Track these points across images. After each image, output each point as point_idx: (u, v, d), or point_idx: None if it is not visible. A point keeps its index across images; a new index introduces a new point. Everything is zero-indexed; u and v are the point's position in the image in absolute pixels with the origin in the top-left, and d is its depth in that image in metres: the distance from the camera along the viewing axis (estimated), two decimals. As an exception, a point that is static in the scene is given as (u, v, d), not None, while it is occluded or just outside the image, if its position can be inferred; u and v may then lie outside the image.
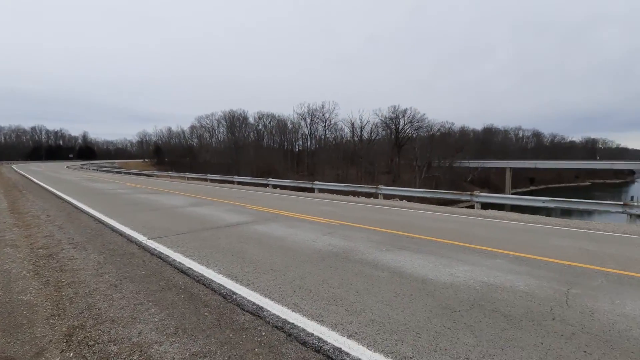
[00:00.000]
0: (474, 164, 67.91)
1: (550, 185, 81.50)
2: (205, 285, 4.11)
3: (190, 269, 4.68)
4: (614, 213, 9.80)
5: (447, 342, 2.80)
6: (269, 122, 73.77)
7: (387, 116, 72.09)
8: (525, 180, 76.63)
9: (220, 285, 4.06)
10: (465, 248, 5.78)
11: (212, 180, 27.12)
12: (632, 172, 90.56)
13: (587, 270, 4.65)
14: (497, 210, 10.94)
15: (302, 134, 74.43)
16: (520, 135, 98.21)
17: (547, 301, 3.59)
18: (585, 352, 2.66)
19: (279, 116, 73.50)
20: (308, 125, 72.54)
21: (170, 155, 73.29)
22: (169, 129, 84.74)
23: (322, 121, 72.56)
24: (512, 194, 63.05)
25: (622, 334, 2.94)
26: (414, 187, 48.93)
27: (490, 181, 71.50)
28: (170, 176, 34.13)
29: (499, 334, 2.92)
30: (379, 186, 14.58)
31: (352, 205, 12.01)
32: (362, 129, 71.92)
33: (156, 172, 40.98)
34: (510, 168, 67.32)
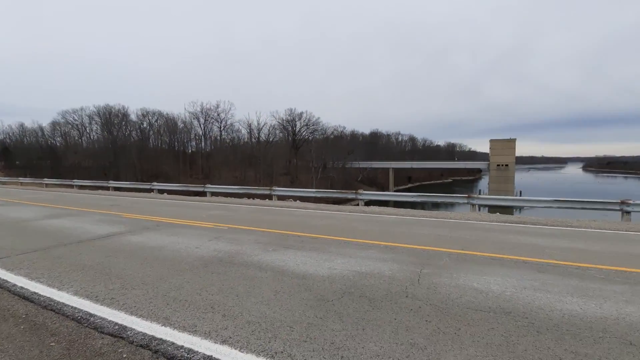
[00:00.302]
0: (363, 164, 74.74)
1: (423, 183, 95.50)
2: (54, 311, 3.47)
3: (36, 293, 3.91)
4: (462, 204, 12.08)
5: (317, 331, 3.00)
6: (156, 120, 66.59)
7: (284, 119, 73.42)
8: (404, 179, 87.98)
9: (75, 308, 3.49)
10: (346, 242, 6.30)
11: (80, 187, 23.11)
12: (479, 170, 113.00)
13: (437, 253, 5.60)
14: (377, 206, 12.26)
15: (195, 135, 69.61)
16: (400, 139, 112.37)
17: (404, 282, 4.18)
18: (427, 321, 3.18)
19: (167, 114, 67.00)
20: (202, 125, 68.26)
21: (23, 157, 59.24)
22: (22, 125, 68.15)
23: (218, 121, 69.29)
24: (395, 191, 71.65)
25: (454, 301, 3.63)
26: (311, 188, 51.07)
27: (377, 180, 79.77)
28: (21, 183, 27.70)
29: (362, 317, 3.26)
30: (273, 187, 14.73)
31: (246, 208, 11.82)
32: (259, 130, 71.47)
33: (2, 179, 32.79)
34: (393, 168, 76.49)
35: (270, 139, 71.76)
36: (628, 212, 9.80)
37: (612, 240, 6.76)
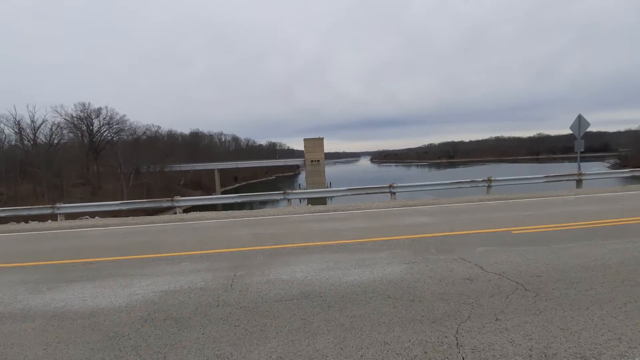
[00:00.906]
0: (185, 167, 69.51)
1: (250, 181, 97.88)
2: None
3: None
4: (280, 200, 13.05)
5: (103, 379, 2.49)
6: None
7: (74, 115, 58.98)
8: (231, 179, 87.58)
9: None
10: (154, 259, 5.61)
11: None
12: (298, 166, 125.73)
13: (253, 252, 5.77)
14: (198, 212, 11.60)
15: None
16: (223, 139, 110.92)
17: (217, 290, 4.08)
18: (235, 326, 3.19)
19: None
20: None
21: None
22: None
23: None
24: (222, 192, 70.26)
25: (263, 298, 3.80)
26: (122, 198, 43.33)
27: (203, 182, 76.09)
28: None
29: (165, 343, 2.94)
30: (57, 204, 11.55)
31: (10, 237, 8.78)
32: (36, 130, 54.65)
33: None
34: (218, 169, 74.66)
35: (55, 141, 56.22)
36: (394, 193, 13.08)
37: (384, 216, 8.82)
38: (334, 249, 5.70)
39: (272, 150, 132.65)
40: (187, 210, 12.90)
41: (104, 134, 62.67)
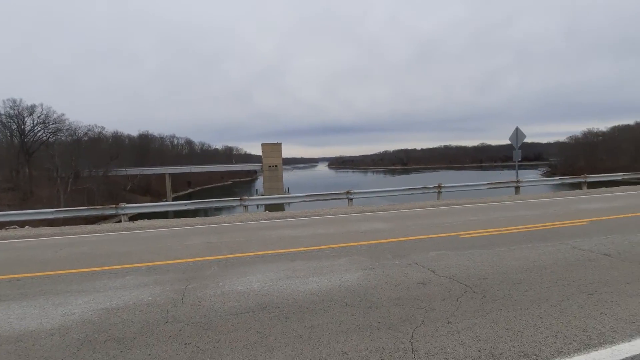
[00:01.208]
0: (133, 171, 65.16)
1: (204, 187, 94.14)
2: None
3: None
4: (236, 206, 12.67)
5: (27, 416, 2.18)
6: None
7: (2, 113, 52.84)
8: (184, 184, 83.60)
9: None
10: (94, 273, 5.11)
11: None
12: (255, 172, 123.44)
13: (206, 262, 5.49)
14: (146, 220, 10.85)
15: None
16: (175, 142, 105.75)
17: (166, 305, 3.80)
18: (186, 344, 2.98)
19: None
20: None
21: None
22: None
23: None
24: (174, 198, 66.83)
25: (217, 312, 3.61)
26: (58, 204, 39.34)
27: (152, 187, 71.78)
28: None
29: (105, 368, 2.66)
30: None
31: None
32: (-47, 128, 48.06)
33: None
34: (169, 174, 70.92)
35: (-23, 141, 49.89)
36: (351, 199, 13.30)
37: (342, 222, 8.90)
38: (291, 256, 5.62)
39: (229, 155, 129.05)
40: (134, 218, 12.00)
41: (38, 134, 56.82)
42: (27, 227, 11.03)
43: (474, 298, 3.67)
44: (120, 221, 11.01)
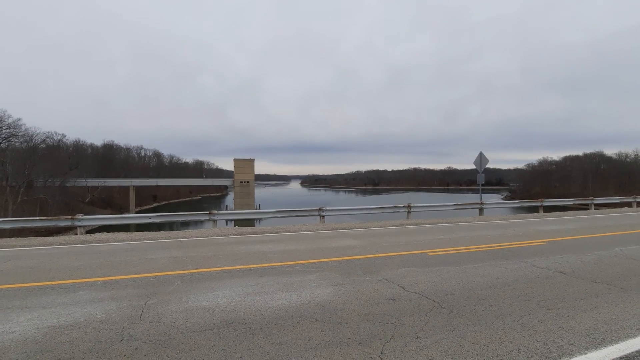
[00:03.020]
0: (93, 182, 61.67)
1: (171, 201, 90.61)
2: None
3: None
4: (205, 221, 12.23)
5: None
6: None
7: (-52, 114, 48.63)
8: (149, 198, 80.00)
9: None
10: (42, 288, 4.68)
11: None
12: (226, 187, 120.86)
13: (169, 277, 5.20)
14: (104, 233, 10.20)
15: None
16: (143, 154, 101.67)
17: (121, 322, 3.52)
18: (142, 363, 2.76)
19: None
20: None
21: None
22: None
23: None
24: (138, 212, 63.64)
25: (179, 328, 3.39)
26: (6, 215, 36.16)
27: (114, 200, 68.09)
28: None
29: (46, 391, 2.39)
30: None
31: None
32: None
33: None
34: (134, 186, 67.75)
35: None
36: (323, 216, 13.27)
37: (313, 239, 8.82)
38: (260, 272, 5.45)
39: (199, 169, 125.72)
40: (92, 231, 11.25)
41: (-11, 139, 52.63)
42: (-34, 238, 9.99)
43: (441, 313, 3.70)
44: (76, 234, 10.25)
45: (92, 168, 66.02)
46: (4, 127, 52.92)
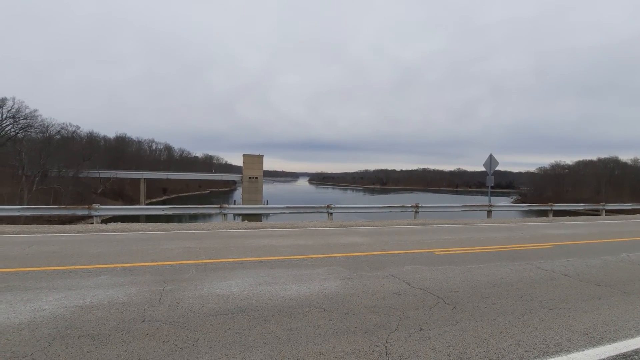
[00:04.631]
0: (105, 174, 62.77)
1: (180, 194, 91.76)
2: None
3: None
4: (216, 214, 12.53)
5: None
6: None
7: (-31, 104, 50.06)
8: (159, 190, 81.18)
9: None
10: (66, 272, 4.96)
11: None
12: (234, 182, 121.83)
13: (184, 266, 5.44)
14: (120, 223, 10.55)
15: None
16: (154, 147, 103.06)
17: (142, 305, 3.76)
18: (164, 342, 2.97)
19: None
20: None
21: None
22: None
23: None
24: (148, 204, 64.66)
25: (196, 313, 3.61)
26: (21, 204, 37.22)
27: (125, 192, 69.27)
28: None
29: (79, 362, 2.62)
30: (-63, 206, 9.54)
31: None
32: None
33: None
34: (145, 179, 68.84)
35: (-62, 132, 46.88)
36: (331, 213, 13.45)
37: (321, 235, 9.01)
38: (271, 264, 5.66)
39: (209, 164, 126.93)
40: (106, 221, 11.62)
41: (6, 129, 54.13)
42: (-11, 223, 10.44)
43: (445, 308, 3.85)
44: (92, 223, 10.63)
45: (105, 160, 67.21)
46: (21, 118, 54.35)
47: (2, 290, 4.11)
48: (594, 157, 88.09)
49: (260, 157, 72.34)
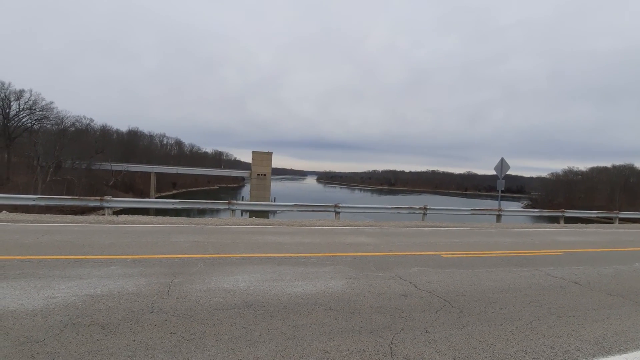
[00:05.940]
0: (117, 167, 63.80)
1: (190, 189, 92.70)
2: None
3: None
4: (224, 210, 12.62)
5: (10, 388, 2.19)
6: None
7: (-12, 94, 51.31)
8: (169, 184, 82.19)
9: None
10: (78, 261, 5.07)
11: None
12: (243, 178, 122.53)
13: (192, 259, 5.51)
14: (129, 215, 10.71)
15: None
16: (165, 142, 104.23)
17: (151, 296, 3.82)
18: (171, 333, 3.02)
19: None
20: None
21: None
22: None
23: None
24: (157, 198, 65.52)
25: (203, 306, 3.66)
26: (35, 193, 38.08)
27: (136, 185, 70.32)
28: None
29: (89, 349, 2.68)
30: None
31: None
32: None
33: None
34: (155, 173, 69.77)
35: (-42, 121, 48.21)
36: (338, 213, 13.44)
37: (328, 234, 9.01)
38: (277, 261, 5.69)
39: (218, 160, 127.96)
40: (117, 213, 11.82)
41: (23, 120, 55.37)
42: (4, 211, 10.72)
43: (451, 312, 3.83)
44: (103, 214, 10.82)
45: (117, 153, 68.22)
46: (38, 110, 55.52)
47: (17, 277, 4.22)
48: (608, 164, 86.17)
49: (269, 154, 72.61)
